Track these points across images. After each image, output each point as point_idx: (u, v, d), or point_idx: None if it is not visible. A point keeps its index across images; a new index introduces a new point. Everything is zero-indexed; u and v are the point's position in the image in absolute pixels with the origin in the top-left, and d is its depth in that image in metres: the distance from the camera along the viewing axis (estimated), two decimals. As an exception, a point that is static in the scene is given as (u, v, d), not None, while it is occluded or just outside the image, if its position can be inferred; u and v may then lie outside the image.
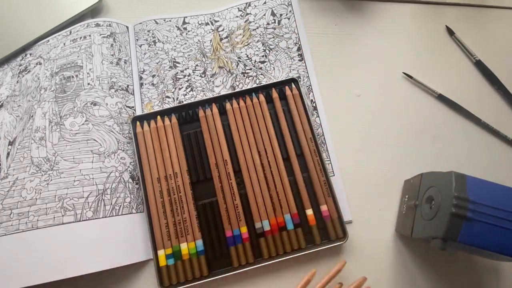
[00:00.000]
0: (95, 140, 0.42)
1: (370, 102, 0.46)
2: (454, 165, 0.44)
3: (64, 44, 0.47)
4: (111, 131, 0.43)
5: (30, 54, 0.48)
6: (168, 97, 0.46)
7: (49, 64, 0.46)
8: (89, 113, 0.43)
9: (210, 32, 0.49)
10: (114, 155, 0.42)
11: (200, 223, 0.41)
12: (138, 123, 0.43)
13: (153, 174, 0.41)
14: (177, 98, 0.46)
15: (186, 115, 0.44)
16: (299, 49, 0.48)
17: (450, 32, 0.49)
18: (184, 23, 0.50)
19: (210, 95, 0.46)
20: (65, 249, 0.37)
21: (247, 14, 0.50)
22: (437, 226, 0.32)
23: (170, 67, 0.47)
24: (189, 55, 0.48)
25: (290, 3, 0.50)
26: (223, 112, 0.44)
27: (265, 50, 0.48)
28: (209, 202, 0.41)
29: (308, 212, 0.40)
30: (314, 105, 0.46)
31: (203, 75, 0.47)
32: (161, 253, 0.39)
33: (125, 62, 0.47)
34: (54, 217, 0.38)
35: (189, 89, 0.46)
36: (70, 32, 0.47)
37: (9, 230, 0.38)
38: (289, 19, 0.49)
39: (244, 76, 0.47)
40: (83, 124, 0.42)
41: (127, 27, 0.49)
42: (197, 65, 0.48)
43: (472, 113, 0.45)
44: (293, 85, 0.45)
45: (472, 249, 0.31)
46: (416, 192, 0.38)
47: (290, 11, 0.50)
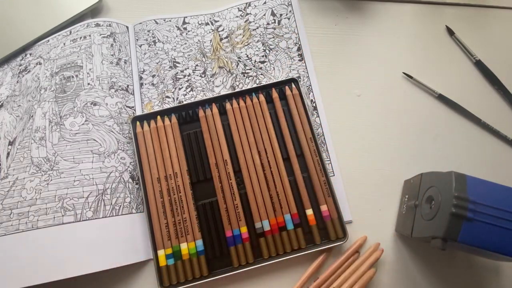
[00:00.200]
0: (95, 140, 0.42)
1: (370, 102, 0.46)
2: (454, 165, 0.44)
3: (64, 44, 0.47)
4: (111, 131, 0.43)
5: (30, 54, 0.48)
6: (168, 97, 0.46)
7: (49, 64, 0.46)
8: (89, 113, 0.43)
9: (210, 32, 0.49)
10: (114, 155, 0.42)
11: (200, 223, 0.41)
12: (138, 123, 0.43)
13: (153, 174, 0.41)
14: (177, 98, 0.46)
15: (186, 115, 0.44)
16: (299, 49, 0.48)
17: (450, 32, 0.49)
18: (184, 23, 0.50)
19: (210, 95, 0.46)
20: (65, 249, 0.37)
21: (247, 14, 0.50)
22: (437, 226, 0.32)
23: (170, 67, 0.47)
24: (189, 55, 0.48)
25: (290, 3, 0.50)
26: (223, 112, 0.44)
27: (265, 50, 0.48)
28: (209, 202, 0.41)
29: (308, 212, 0.40)
30: (314, 105, 0.46)
31: (203, 75, 0.47)
32: (161, 253, 0.39)
33: (125, 62, 0.47)
34: (54, 217, 0.38)
35: (189, 89, 0.46)
36: (70, 32, 0.47)
37: (9, 230, 0.38)
38: (289, 19, 0.49)
39: (244, 76, 0.47)
40: (83, 124, 0.42)
41: (127, 27, 0.49)
42: (197, 65, 0.48)
43: (472, 113, 0.45)
44: (293, 85, 0.45)
45: (472, 249, 0.31)
46: (416, 192, 0.38)
47: (290, 11, 0.50)
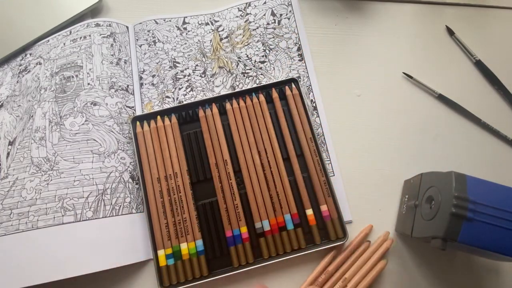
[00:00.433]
0: (95, 140, 0.42)
1: (370, 102, 0.46)
2: (454, 165, 0.44)
3: (64, 44, 0.47)
4: (111, 131, 0.43)
5: (30, 54, 0.48)
6: (168, 97, 0.46)
7: (49, 64, 0.46)
8: (89, 113, 0.43)
9: (210, 32, 0.49)
10: (114, 155, 0.42)
11: (200, 223, 0.41)
12: (138, 123, 0.43)
13: (153, 174, 0.41)
14: (177, 98, 0.46)
15: (186, 115, 0.44)
16: (299, 49, 0.48)
17: (450, 32, 0.49)
18: (184, 23, 0.50)
19: (210, 95, 0.46)
20: (65, 249, 0.37)
21: (247, 14, 0.50)
22: (437, 226, 0.32)
23: (170, 67, 0.47)
24: (189, 55, 0.48)
25: (290, 3, 0.50)
26: (223, 112, 0.44)
27: (265, 50, 0.48)
28: (209, 202, 0.41)
29: (308, 212, 0.40)
30: (314, 105, 0.46)
31: (203, 75, 0.47)
32: (161, 253, 0.39)
33: (125, 62, 0.47)
34: (54, 217, 0.38)
35: (189, 89, 0.46)
36: (70, 32, 0.47)
37: (9, 230, 0.38)
38: (289, 19, 0.49)
39: (244, 76, 0.47)
40: (83, 124, 0.42)
41: (127, 27, 0.49)
42: (197, 65, 0.48)
43: (472, 113, 0.45)
44: (293, 85, 0.45)
45: (472, 249, 0.31)
46: (416, 192, 0.38)
47: (290, 11, 0.50)
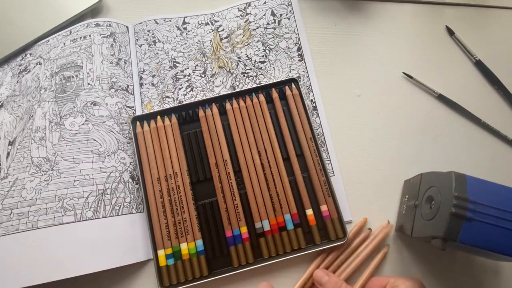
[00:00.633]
0: (95, 140, 0.42)
1: (370, 102, 0.46)
2: (454, 165, 0.44)
3: (64, 44, 0.47)
4: (111, 131, 0.43)
5: (30, 54, 0.48)
6: (168, 97, 0.46)
7: (49, 64, 0.46)
8: (89, 113, 0.43)
9: (210, 32, 0.49)
10: (114, 155, 0.42)
11: (200, 223, 0.41)
12: (138, 123, 0.43)
13: (153, 174, 0.41)
14: (177, 98, 0.46)
15: (186, 115, 0.44)
16: (299, 49, 0.48)
17: (450, 32, 0.49)
18: (184, 23, 0.50)
19: (210, 95, 0.46)
20: (65, 249, 0.37)
21: (247, 14, 0.50)
22: (437, 226, 0.32)
23: (170, 67, 0.47)
24: (189, 55, 0.48)
25: (290, 3, 0.50)
26: (223, 112, 0.44)
27: (265, 50, 0.48)
28: (209, 202, 0.41)
29: (308, 212, 0.40)
30: (314, 105, 0.46)
31: (203, 75, 0.47)
32: (161, 253, 0.39)
33: (125, 62, 0.47)
34: (54, 217, 0.38)
35: (189, 89, 0.46)
36: (70, 32, 0.47)
37: (9, 230, 0.38)
38: (289, 19, 0.49)
39: (244, 76, 0.47)
40: (83, 124, 0.42)
41: (127, 27, 0.49)
42: (197, 65, 0.48)
43: (472, 113, 0.45)
44: (293, 85, 0.45)
45: (472, 249, 0.31)
46: (416, 192, 0.38)
47: (290, 11, 0.50)
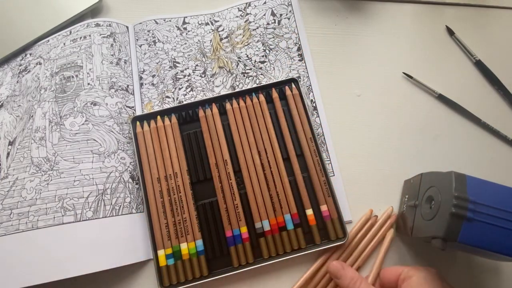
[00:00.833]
0: (95, 140, 0.42)
1: (370, 102, 0.46)
2: (454, 165, 0.44)
3: (64, 44, 0.47)
4: (111, 131, 0.43)
5: (30, 54, 0.48)
6: (168, 97, 0.46)
7: (49, 64, 0.46)
8: (89, 113, 0.43)
9: (210, 32, 0.49)
10: (114, 155, 0.42)
11: (200, 223, 0.41)
12: (138, 123, 0.43)
13: (153, 174, 0.41)
14: (177, 98, 0.46)
15: (186, 115, 0.44)
16: (299, 49, 0.48)
17: (450, 32, 0.49)
18: (184, 23, 0.50)
19: (210, 95, 0.46)
20: (65, 249, 0.37)
21: (247, 14, 0.50)
22: (437, 226, 0.32)
23: (170, 67, 0.47)
24: (189, 55, 0.48)
25: (290, 3, 0.50)
26: (223, 112, 0.44)
27: (265, 50, 0.48)
28: (209, 202, 0.41)
29: (308, 212, 0.40)
30: (314, 105, 0.46)
31: (203, 75, 0.47)
32: (161, 253, 0.39)
33: (125, 62, 0.47)
34: (54, 217, 0.38)
35: (189, 89, 0.46)
36: (70, 32, 0.47)
37: (9, 230, 0.38)
38: (289, 19, 0.49)
39: (244, 76, 0.47)
40: (83, 124, 0.42)
41: (127, 27, 0.49)
42: (197, 65, 0.48)
43: (472, 113, 0.45)
44: (293, 85, 0.45)
45: (472, 249, 0.31)
46: (416, 192, 0.38)
47: (290, 11, 0.50)
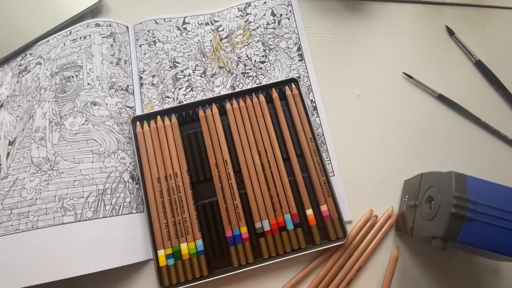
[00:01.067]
0: (95, 140, 0.42)
1: (370, 102, 0.46)
2: (454, 165, 0.44)
3: (64, 44, 0.47)
4: (111, 131, 0.43)
5: (30, 54, 0.48)
6: (168, 97, 0.46)
7: (49, 64, 0.46)
8: (89, 113, 0.43)
9: (210, 32, 0.49)
10: (114, 155, 0.42)
11: (200, 223, 0.41)
12: (138, 123, 0.43)
13: (153, 174, 0.41)
14: (177, 98, 0.46)
15: (186, 115, 0.44)
16: (299, 49, 0.48)
17: (450, 32, 0.49)
18: (184, 23, 0.50)
19: (210, 95, 0.46)
20: (65, 249, 0.37)
21: (247, 14, 0.50)
22: (437, 226, 0.32)
23: (170, 67, 0.47)
24: (189, 55, 0.48)
25: (290, 3, 0.50)
26: (223, 112, 0.44)
27: (265, 50, 0.48)
28: (209, 202, 0.41)
29: (308, 212, 0.40)
30: (314, 105, 0.46)
31: (203, 75, 0.47)
32: (161, 253, 0.39)
33: (125, 62, 0.47)
34: (54, 217, 0.38)
35: (189, 89, 0.46)
36: (70, 32, 0.47)
37: (9, 230, 0.38)
38: (289, 19, 0.49)
39: (244, 76, 0.47)
40: (83, 124, 0.42)
41: (127, 27, 0.49)
42: (197, 65, 0.48)
43: (472, 113, 0.45)
44: (293, 85, 0.45)
45: (472, 249, 0.31)
46: (416, 192, 0.38)
47: (290, 11, 0.50)
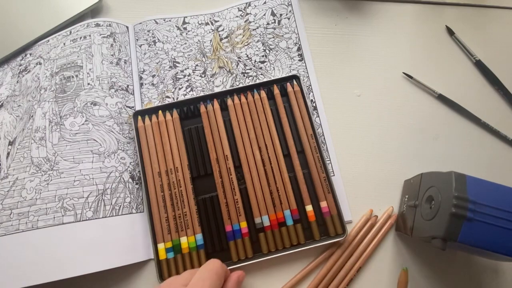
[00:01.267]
0: (95, 140, 0.42)
1: (370, 102, 0.46)
2: (454, 165, 0.44)
3: (64, 44, 0.47)
4: (111, 131, 0.43)
5: (30, 54, 0.48)
6: (168, 97, 0.46)
7: (49, 64, 0.46)
8: (89, 113, 0.43)
9: (210, 32, 0.49)
10: (114, 155, 0.42)
11: (200, 218, 0.41)
12: (140, 118, 0.43)
13: (154, 169, 0.41)
14: (177, 98, 0.46)
15: (188, 110, 0.44)
16: (299, 49, 0.48)
17: (450, 32, 0.49)
18: (184, 23, 0.50)
19: (210, 95, 0.46)
20: (65, 249, 0.37)
21: (247, 14, 0.50)
22: (437, 226, 0.32)
23: (170, 67, 0.47)
24: (189, 55, 0.48)
25: (290, 3, 0.50)
26: (225, 108, 0.44)
27: (265, 50, 0.48)
28: (209, 197, 0.41)
29: (308, 208, 0.41)
30: (314, 105, 0.46)
31: (203, 75, 0.47)
32: (161, 247, 0.39)
33: (125, 62, 0.47)
34: (54, 217, 0.38)
35: (189, 89, 0.46)
36: (70, 32, 0.47)
37: (9, 230, 0.38)
38: (289, 19, 0.49)
39: (244, 76, 0.47)
40: (83, 124, 0.42)
41: (127, 27, 0.49)
42: (197, 65, 0.48)
43: (472, 113, 0.45)
44: (295, 82, 0.45)
45: (472, 249, 0.31)
46: (416, 192, 0.38)
47: (290, 11, 0.50)
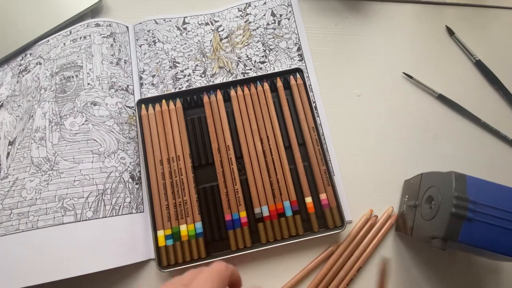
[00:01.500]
0: (95, 140, 0.42)
1: (370, 102, 0.46)
2: (454, 165, 0.44)
3: (64, 44, 0.47)
4: (111, 131, 0.43)
5: (30, 54, 0.48)
6: (168, 97, 0.46)
7: (49, 64, 0.46)
8: (89, 113, 0.43)
9: (210, 32, 0.49)
10: (114, 155, 0.42)
11: (200, 206, 0.41)
12: (143, 106, 0.43)
13: (156, 156, 0.42)
14: (177, 98, 0.46)
15: (191, 100, 0.44)
16: (299, 49, 0.48)
17: (450, 32, 0.49)
18: (184, 23, 0.50)
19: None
20: (65, 249, 0.37)
21: (247, 14, 0.50)
22: (437, 226, 0.32)
23: (170, 67, 0.47)
24: (189, 55, 0.48)
25: (290, 4, 0.50)
26: (228, 99, 0.44)
27: (265, 50, 0.48)
28: (210, 186, 0.42)
29: (307, 200, 0.41)
30: (314, 105, 0.46)
31: (203, 75, 0.47)
32: (161, 234, 0.39)
33: (125, 62, 0.47)
34: (54, 217, 0.38)
35: (189, 89, 0.46)
36: (70, 32, 0.47)
37: (9, 230, 0.38)
38: (289, 20, 0.49)
39: (244, 76, 0.47)
40: (83, 124, 0.42)
41: (127, 27, 0.49)
42: (197, 65, 0.48)
43: (472, 113, 0.45)
44: (298, 75, 0.45)
45: (472, 249, 0.31)
46: (416, 192, 0.38)
47: (290, 12, 0.50)
